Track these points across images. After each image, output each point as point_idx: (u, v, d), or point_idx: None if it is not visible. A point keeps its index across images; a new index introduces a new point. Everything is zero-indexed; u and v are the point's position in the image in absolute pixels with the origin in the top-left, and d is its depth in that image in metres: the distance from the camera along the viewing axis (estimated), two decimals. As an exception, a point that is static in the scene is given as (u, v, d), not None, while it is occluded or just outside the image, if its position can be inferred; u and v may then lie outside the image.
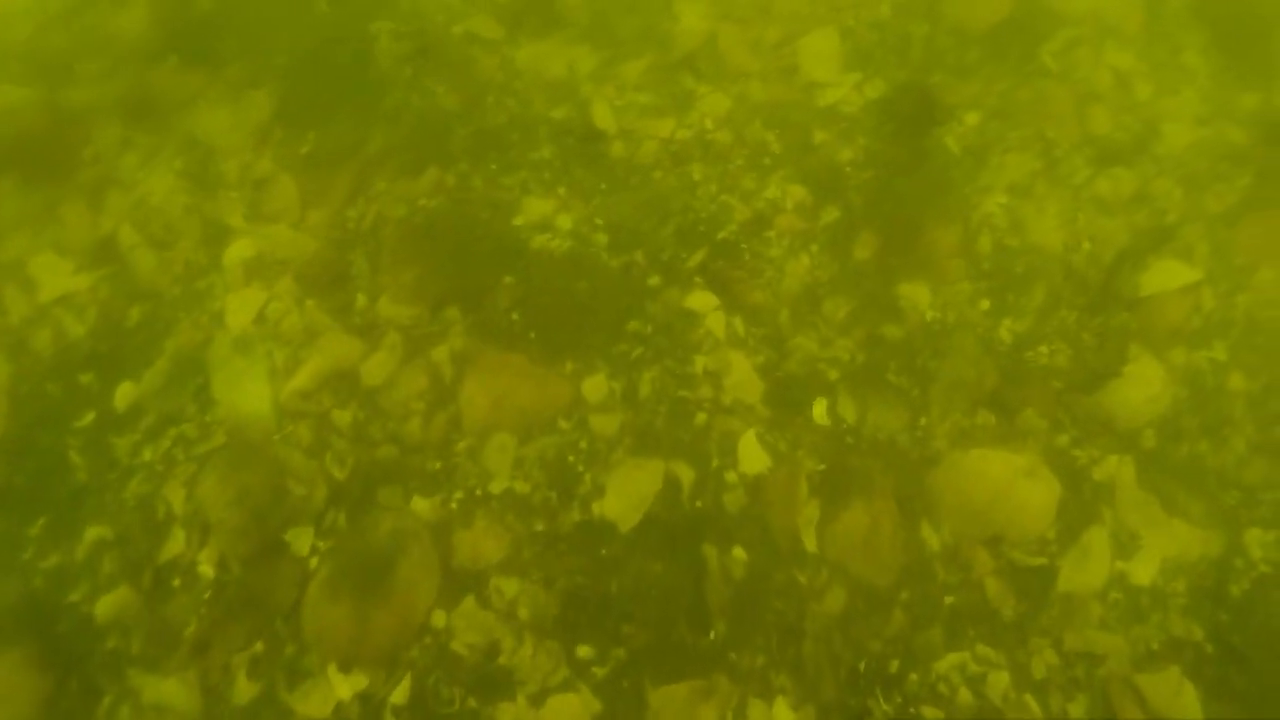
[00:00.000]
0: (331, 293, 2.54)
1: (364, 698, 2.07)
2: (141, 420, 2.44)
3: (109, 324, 2.56)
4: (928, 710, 2.09)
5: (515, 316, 2.52)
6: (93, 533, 2.28)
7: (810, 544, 2.30)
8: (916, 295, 2.61)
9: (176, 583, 2.22)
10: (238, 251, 2.61)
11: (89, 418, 2.45)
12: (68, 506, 2.36)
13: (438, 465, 2.35)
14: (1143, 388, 2.49)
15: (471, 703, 2.09)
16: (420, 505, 2.31)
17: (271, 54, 2.89)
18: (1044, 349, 2.55)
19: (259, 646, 2.13)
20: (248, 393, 2.42)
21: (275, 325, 2.51)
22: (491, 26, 2.95)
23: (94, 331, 2.55)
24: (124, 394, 2.47)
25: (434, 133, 2.77)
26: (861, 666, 2.14)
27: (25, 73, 2.95)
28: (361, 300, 2.53)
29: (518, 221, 2.65)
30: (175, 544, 2.25)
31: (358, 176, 2.69)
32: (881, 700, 2.10)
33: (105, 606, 2.19)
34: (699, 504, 2.33)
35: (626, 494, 2.34)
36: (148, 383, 2.47)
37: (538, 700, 2.08)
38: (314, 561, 2.21)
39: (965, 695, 2.11)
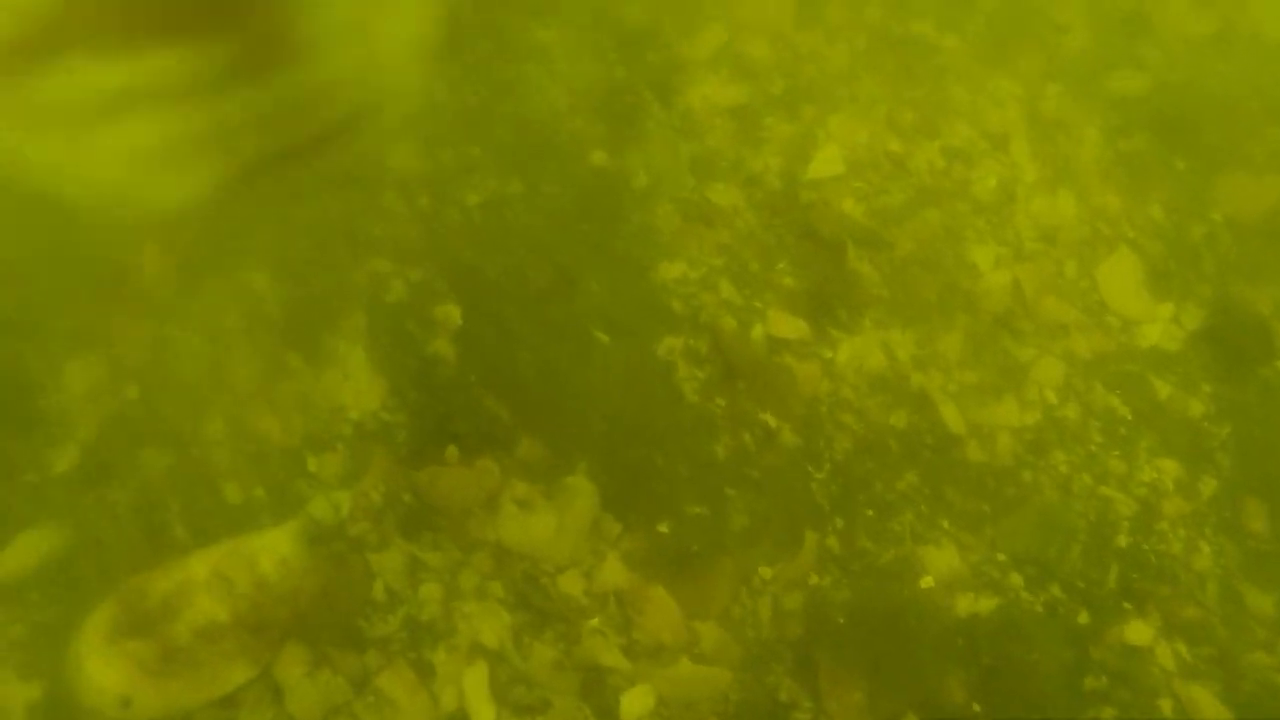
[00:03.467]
0: (772, 732, 2.16)
1: None
2: None
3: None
4: None
5: (977, 708, 2.23)
6: None
7: None
8: (1327, 567, 2.51)
9: None
10: (636, 704, 2.18)
11: None
12: None
13: None
14: None
15: None
16: None
17: (565, 420, 2.36)
18: None
19: None
20: None
21: (722, 789, 2.11)
22: (791, 323, 2.53)
23: None
24: None
25: (788, 485, 2.38)
26: None
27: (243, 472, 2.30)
28: (811, 733, 2.17)
29: (927, 584, 2.34)
30: None
31: (736, 568, 2.28)
32: None
33: None
34: None
35: None
36: None
37: None
38: None
39: None
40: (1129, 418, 2.59)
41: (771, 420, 2.44)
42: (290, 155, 1.97)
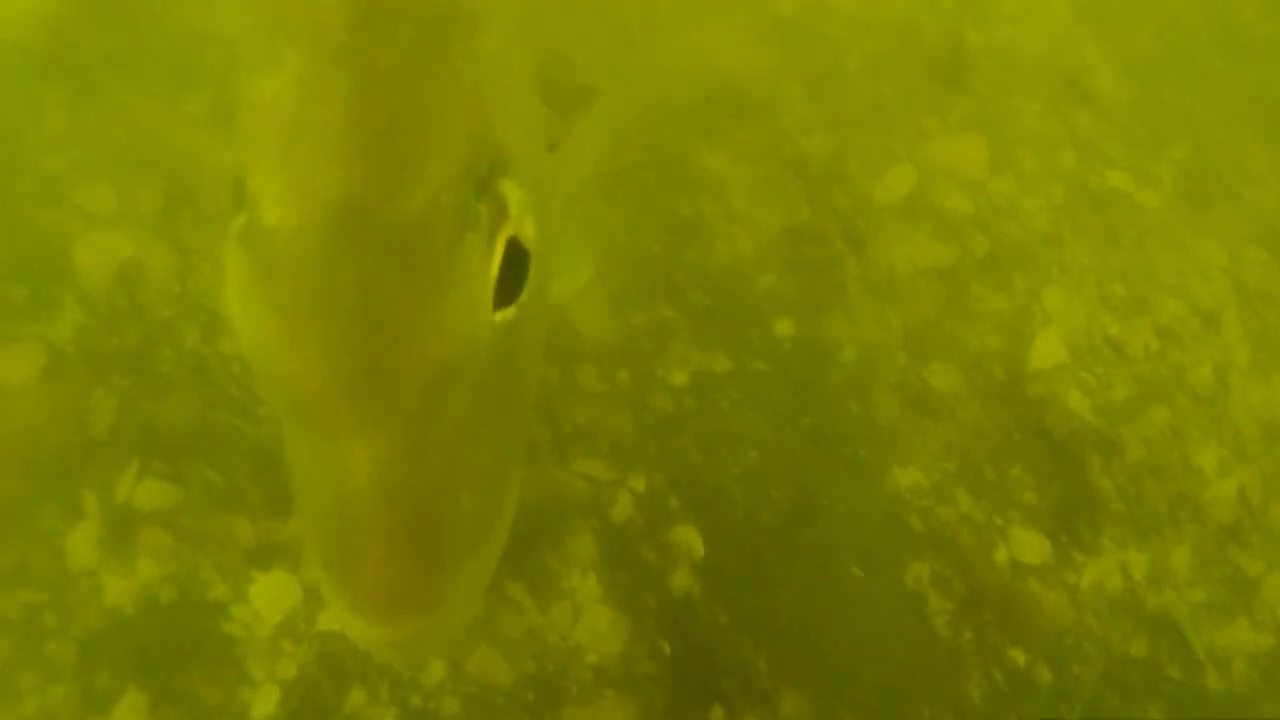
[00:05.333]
0: None
1: None
2: None
3: None
4: None
5: None
6: None
7: None
8: None
9: None
10: None
11: None
12: None
13: None
14: None
15: None
16: None
17: (828, 670, 2.20)
18: None
19: None
20: None
21: None
22: (1035, 544, 2.40)
23: None
24: None
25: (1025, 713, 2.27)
26: None
27: None
28: None
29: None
30: None
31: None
32: None
33: None
34: None
35: None
36: None
37: None
38: None
39: None
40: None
41: (1021, 656, 2.32)
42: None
